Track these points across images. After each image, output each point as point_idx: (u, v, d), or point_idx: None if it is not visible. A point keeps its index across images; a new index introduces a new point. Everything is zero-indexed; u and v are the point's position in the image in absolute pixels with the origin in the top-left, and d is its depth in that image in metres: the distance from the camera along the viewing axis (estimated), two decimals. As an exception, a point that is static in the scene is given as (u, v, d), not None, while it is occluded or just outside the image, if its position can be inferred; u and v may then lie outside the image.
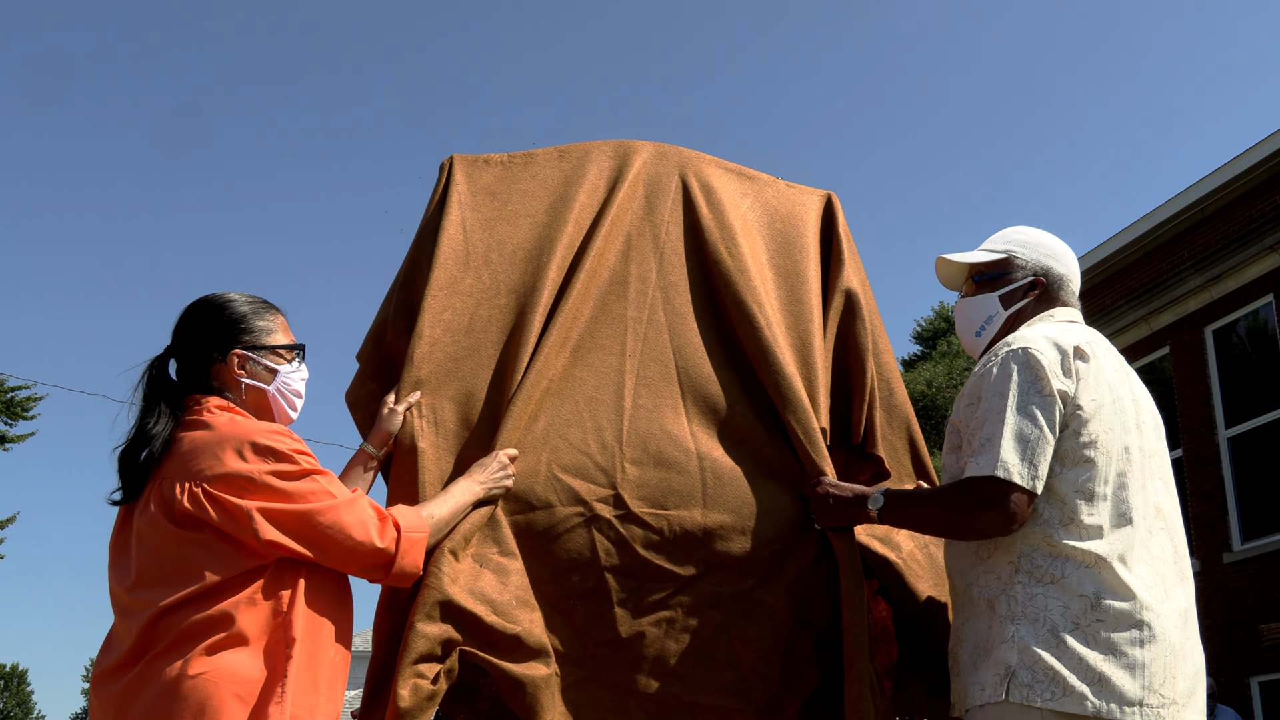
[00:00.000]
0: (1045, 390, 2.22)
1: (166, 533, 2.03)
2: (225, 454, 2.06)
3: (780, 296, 2.85)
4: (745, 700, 2.49)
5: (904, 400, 2.90)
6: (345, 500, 2.11)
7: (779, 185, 3.10)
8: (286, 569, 2.07)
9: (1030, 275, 2.51)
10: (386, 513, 2.18)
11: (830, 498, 2.49)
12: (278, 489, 2.05)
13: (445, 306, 2.67)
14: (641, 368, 2.67)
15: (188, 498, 2.03)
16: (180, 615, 1.99)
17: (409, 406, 2.55)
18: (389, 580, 2.20)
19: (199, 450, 2.08)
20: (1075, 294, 2.56)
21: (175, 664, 1.95)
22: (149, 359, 2.24)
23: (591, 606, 2.47)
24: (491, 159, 2.94)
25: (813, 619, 2.54)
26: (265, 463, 2.07)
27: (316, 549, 2.07)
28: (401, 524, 2.18)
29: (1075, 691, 2.09)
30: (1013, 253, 2.53)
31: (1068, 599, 2.16)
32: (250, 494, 2.04)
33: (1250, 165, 10.85)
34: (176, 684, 1.94)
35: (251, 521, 2.02)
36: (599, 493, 2.49)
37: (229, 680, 1.95)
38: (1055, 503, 2.22)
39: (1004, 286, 2.52)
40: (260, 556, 2.04)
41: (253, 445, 2.08)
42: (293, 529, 2.05)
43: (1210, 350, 11.41)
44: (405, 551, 2.17)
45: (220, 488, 2.03)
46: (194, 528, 2.03)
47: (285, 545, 2.04)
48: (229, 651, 1.98)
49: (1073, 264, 2.57)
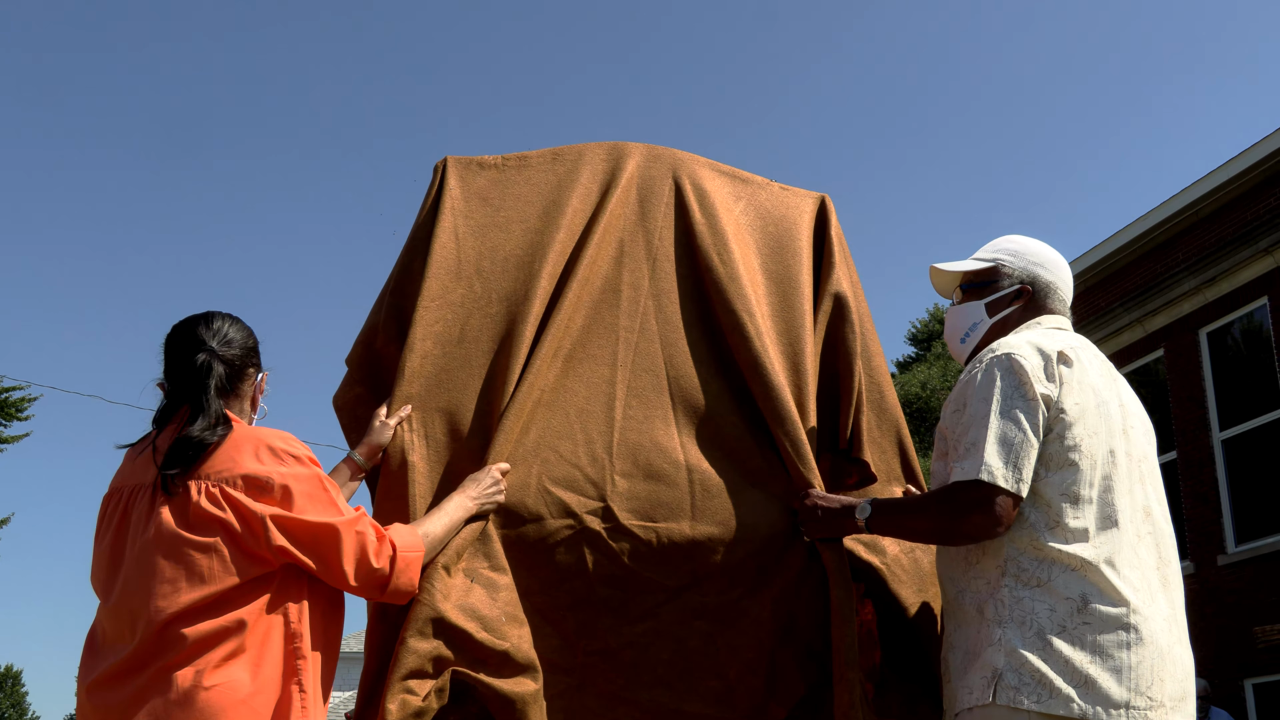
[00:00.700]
0: (1029, 395, 2.24)
1: (177, 537, 2.02)
2: (242, 455, 2.08)
3: (772, 302, 2.86)
4: (731, 709, 2.52)
5: (894, 403, 2.91)
6: (349, 518, 2.13)
7: (773, 188, 3.10)
8: (292, 579, 2.09)
9: (1017, 283, 2.54)
10: (384, 532, 2.20)
11: (818, 509, 2.51)
12: (291, 494, 2.07)
13: (437, 318, 2.68)
14: (633, 378, 2.68)
15: (206, 497, 2.04)
16: (189, 622, 1.98)
17: (400, 421, 2.57)
18: (385, 598, 2.22)
19: (216, 452, 2.09)
20: (1065, 301, 2.57)
21: (188, 674, 1.94)
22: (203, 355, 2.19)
23: (581, 616, 2.49)
24: (486, 161, 2.94)
25: (799, 630, 2.56)
26: (281, 464, 2.09)
27: (317, 561, 2.09)
28: (398, 544, 2.20)
29: (1061, 694, 2.11)
30: (1000, 261, 2.57)
31: (1054, 602, 2.17)
32: (266, 497, 2.05)
33: (1245, 168, 10.87)
34: (190, 695, 1.93)
35: (265, 528, 2.03)
36: (589, 505, 2.51)
37: (244, 695, 1.95)
38: (1041, 506, 2.23)
39: (991, 294, 2.55)
40: (269, 564, 2.05)
41: (269, 448, 2.10)
42: (300, 539, 2.06)
43: (1204, 353, 11.43)
44: (401, 571, 2.19)
45: (238, 489, 2.05)
46: (207, 530, 2.02)
47: (292, 553, 2.06)
48: (242, 662, 1.98)
49: (1062, 271, 2.59)
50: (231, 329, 2.27)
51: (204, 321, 2.26)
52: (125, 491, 2.15)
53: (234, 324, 2.29)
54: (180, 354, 2.21)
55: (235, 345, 2.26)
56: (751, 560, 2.54)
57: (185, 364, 2.19)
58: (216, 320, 2.27)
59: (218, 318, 2.28)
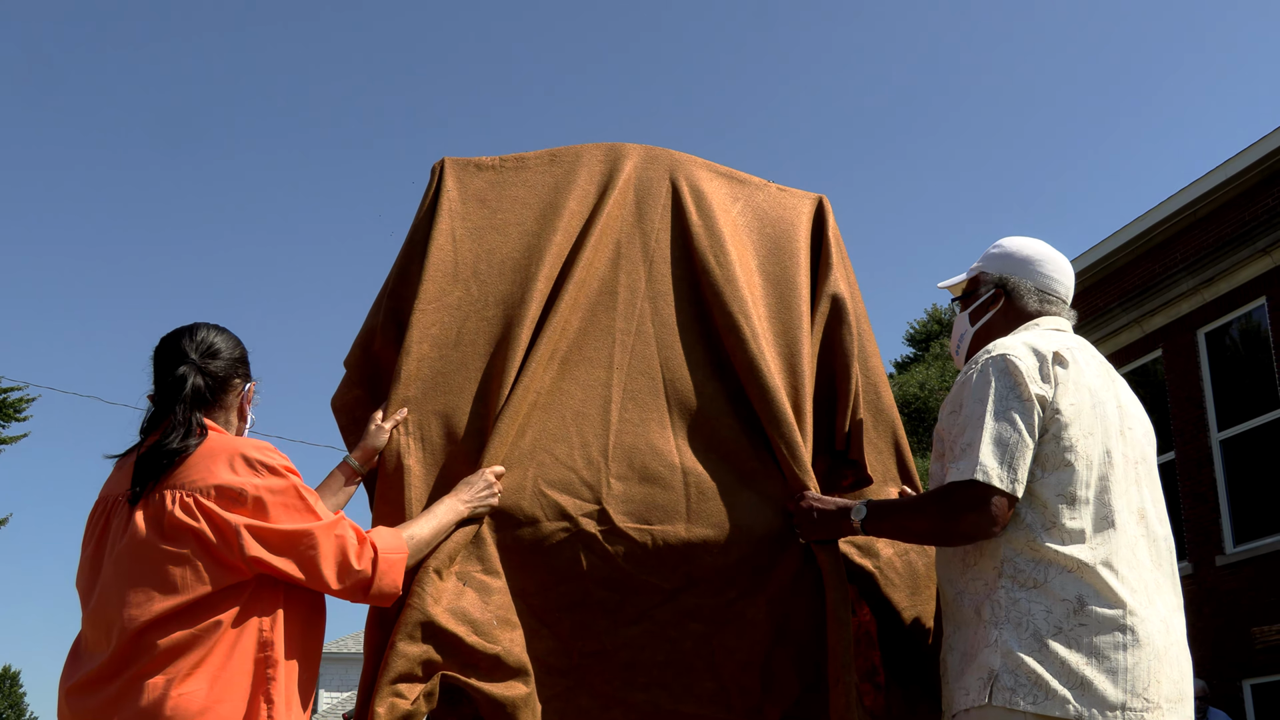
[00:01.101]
0: (1024, 395, 2.25)
1: (151, 545, 2.04)
2: (217, 465, 2.09)
3: (769, 304, 2.86)
4: (726, 709, 2.53)
5: (890, 405, 2.91)
6: (327, 522, 2.14)
7: (770, 189, 3.10)
8: (267, 588, 2.09)
9: (991, 288, 2.57)
10: (365, 535, 2.21)
11: (813, 511, 2.51)
12: (265, 504, 2.08)
13: (433, 321, 2.68)
14: (628, 381, 2.68)
15: (179, 507, 2.05)
16: (162, 631, 1.99)
17: (395, 424, 2.57)
18: (368, 601, 2.22)
19: (191, 462, 2.10)
20: (1055, 298, 2.54)
21: (156, 684, 1.96)
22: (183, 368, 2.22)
23: (576, 618, 2.50)
24: (483, 163, 2.94)
25: (793, 631, 2.56)
26: (256, 475, 2.09)
27: (298, 569, 2.09)
28: (379, 546, 2.21)
29: (1057, 695, 2.11)
30: (979, 270, 2.61)
31: (1050, 603, 2.17)
32: (239, 507, 2.06)
33: (1243, 168, 10.87)
34: (158, 706, 1.95)
35: (239, 538, 2.03)
36: (585, 508, 2.52)
37: (212, 705, 1.97)
38: (1037, 507, 2.24)
39: (972, 304, 2.60)
40: (242, 573, 2.05)
41: (244, 458, 2.11)
42: (276, 547, 2.07)
43: (1203, 353, 11.43)
44: (384, 573, 2.19)
45: (211, 499, 2.05)
46: (180, 540, 2.04)
47: (268, 563, 2.06)
48: (212, 674, 1.99)
49: (1047, 267, 2.55)
50: (217, 340, 2.29)
51: (188, 334, 2.28)
52: (109, 501, 2.17)
53: (220, 335, 2.31)
54: (163, 366, 2.24)
55: (221, 356, 2.27)
56: (746, 562, 2.55)
57: (166, 376, 2.22)
58: (200, 332, 2.29)
59: (202, 329, 2.29)
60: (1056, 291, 2.55)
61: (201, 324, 2.31)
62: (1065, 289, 2.57)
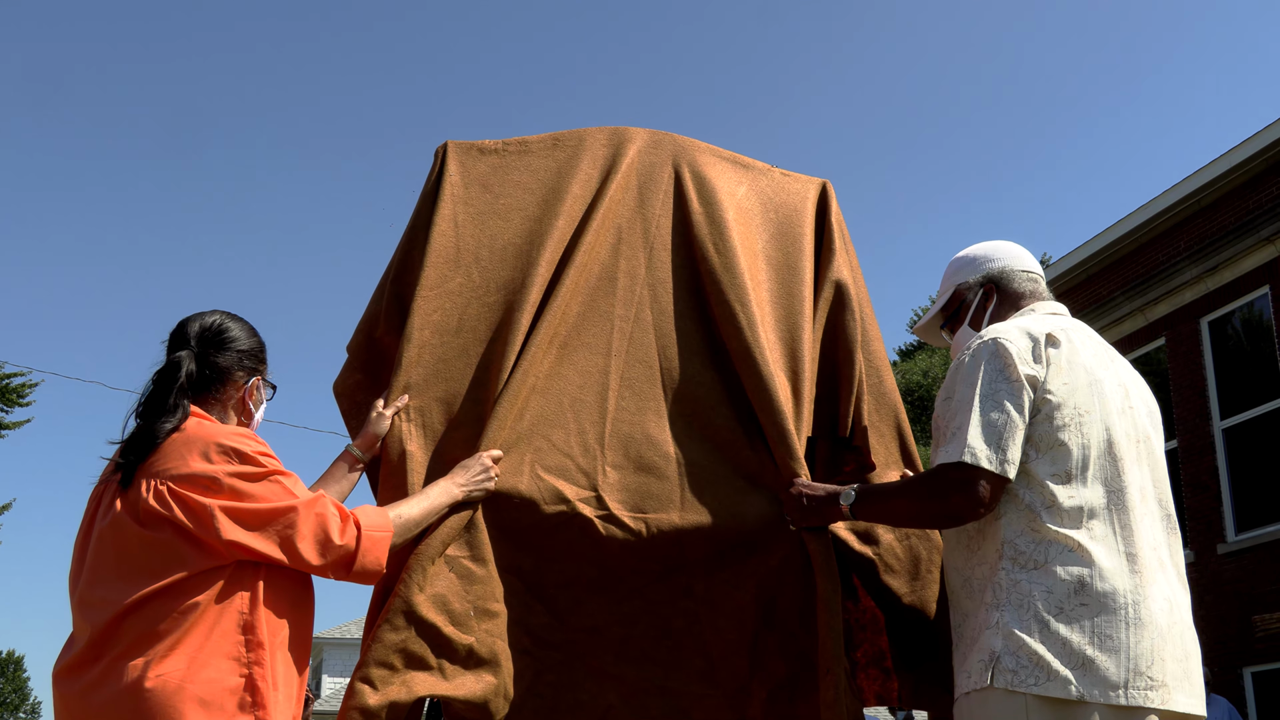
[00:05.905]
0: (1012, 376, 2.24)
1: (130, 530, 2.05)
2: (191, 455, 2.09)
3: (772, 288, 2.85)
4: (714, 686, 2.57)
5: (893, 389, 2.91)
6: (306, 500, 2.13)
7: (774, 174, 3.09)
8: (247, 570, 2.08)
9: (979, 288, 2.58)
10: (348, 512, 2.20)
11: (804, 498, 2.52)
12: (240, 489, 2.07)
13: (435, 308, 2.68)
14: (626, 368, 2.69)
15: (153, 495, 2.05)
16: (140, 615, 2.00)
17: (397, 410, 2.57)
18: (351, 578, 2.21)
19: (167, 450, 2.10)
20: (1035, 275, 2.57)
21: (136, 665, 1.97)
22: (180, 353, 2.23)
23: (570, 596, 2.54)
24: (486, 146, 2.93)
25: (780, 617, 2.59)
26: (229, 463, 2.09)
27: (277, 548, 2.09)
28: (363, 523, 2.20)
29: (1059, 676, 2.10)
30: (957, 283, 2.62)
31: (1051, 583, 2.17)
32: (213, 493, 2.05)
33: (1247, 157, 10.84)
34: (137, 687, 1.95)
35: (214, 520, 2.03)
36: (581, 494, 2.54)
37: (190, 683, 1.96)
38: (1035, 488, 2.23)
39: (967, 314, 2.60)
40: (221, 556, 2.05)
41: (218, 446, 2.10)
42: (254, 527, 2.06)
43: (1206, 341, 11.41)
44: (367, 550, 2.18)
45: (185, 486, 2.05)
46: (157, 526, 2.04)
47: (246, 545, 2.05)
48: (190, 653, 1.99)
49: (1018, 257, 2.59)
50: (228, 330, 2.28)
51: (197, 320, 2.28)
52: (101, 487, 2.18)
53: (235, 325, 2.30)
54: (167, 350, 2.26)
55: (228, 347, 2.26)
56: (739, 549, 2.57)
57: (166, 360, 2.23)
58: (210, 318, 2.29)
59: (214, 316, 2.30)
60: (1037, 274, 2.58)
61: (218, 312, 2.31)
62: (1040, 273, 2.60)
